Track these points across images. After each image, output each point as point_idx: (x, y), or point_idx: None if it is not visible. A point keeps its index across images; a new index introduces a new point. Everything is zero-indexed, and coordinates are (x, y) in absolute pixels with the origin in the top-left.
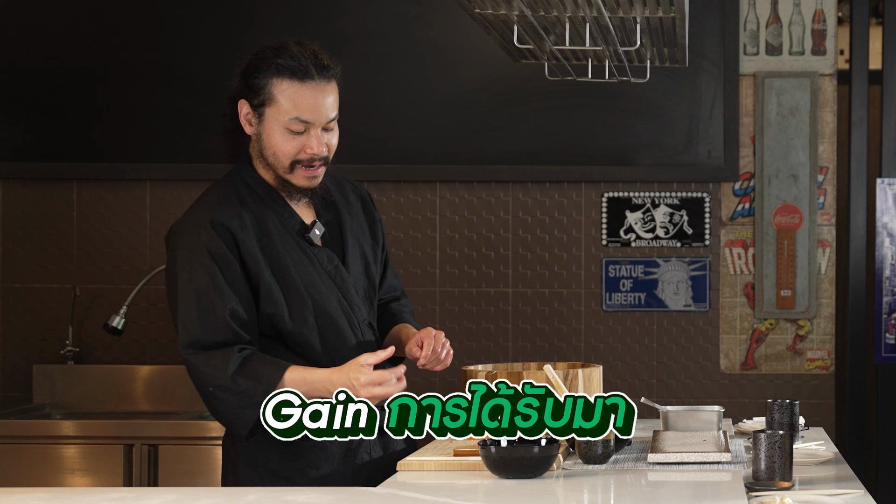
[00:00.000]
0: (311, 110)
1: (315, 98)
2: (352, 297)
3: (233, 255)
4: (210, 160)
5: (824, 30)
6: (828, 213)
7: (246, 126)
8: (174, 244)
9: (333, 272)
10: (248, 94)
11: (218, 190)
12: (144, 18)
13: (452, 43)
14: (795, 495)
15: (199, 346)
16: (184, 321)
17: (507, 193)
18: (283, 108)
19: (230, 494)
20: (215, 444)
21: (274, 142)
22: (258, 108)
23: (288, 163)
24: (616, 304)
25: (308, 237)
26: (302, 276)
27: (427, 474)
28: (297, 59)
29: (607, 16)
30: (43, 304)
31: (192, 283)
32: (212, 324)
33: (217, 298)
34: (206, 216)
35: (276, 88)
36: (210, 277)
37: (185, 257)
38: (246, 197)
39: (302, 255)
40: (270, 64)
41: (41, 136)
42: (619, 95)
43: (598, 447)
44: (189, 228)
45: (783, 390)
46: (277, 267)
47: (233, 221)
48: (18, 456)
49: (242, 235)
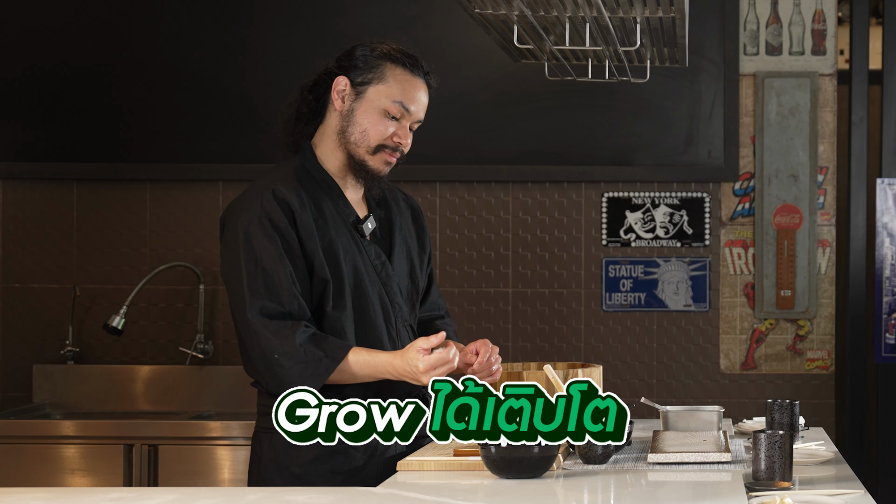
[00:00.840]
0: (415, 101)
1: (419, 92)
2: (395, 294)
3: (292, 228)
4: (210, 160)
5: (824, 30)
6: (828, 213)
7: (337, 101)
8: (234, 218)
9: (380, 267)
10: (352, 70)
11: (277, 171)
12: (144, 18)
13: (452, 43)
14: (795, 495)
15: (268, 314)
16: (251, 290)
17: (507, 193)
18: (392, 90)
19: (230, 494)
20: (215, 444)
21: (368, 119)
22: (361, 84)
23: (375, 143)
24: (616, 304)
25: (360, 228)
26: (349, 263)
27: (427, 474)
28: (409, 56)
29: (607, 16)
30: (43, 304)
31: (258, 251)
32: (278, 292)
33: (281, 268)
34: (267, 189)
35: (389, 71)
36: (274, 247)
37: (247, 227)
38: (306, 180)
39: (352, 244)
40: (385, 49)
41: (41, 136)
42: (619, 95)
43: (598, 447)
44: (252, 201)
45: (783, 390)
46: (329, 249)
47: (292, 196)
48: (18, 456)
49: (301, 211)
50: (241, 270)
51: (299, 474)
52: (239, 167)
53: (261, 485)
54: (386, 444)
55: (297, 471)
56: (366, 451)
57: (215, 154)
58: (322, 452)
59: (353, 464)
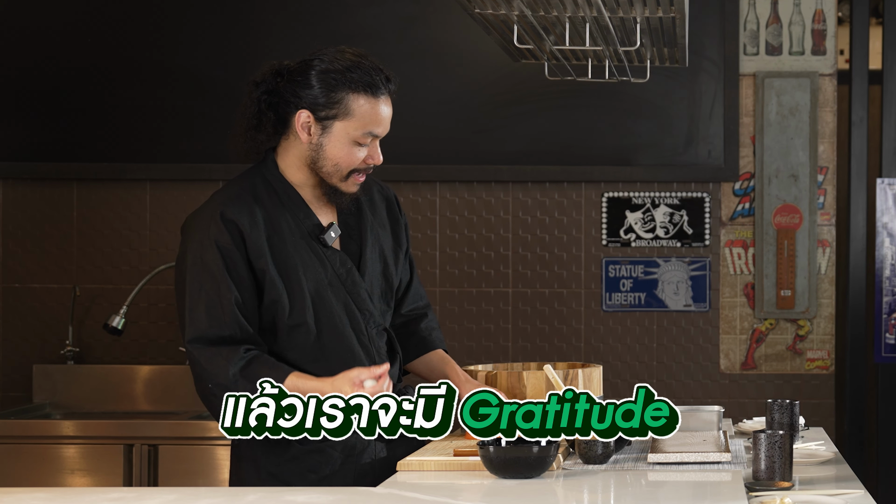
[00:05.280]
0: (381, 123)
1: (385, 113)
2: (363, 301)
3: (239, 251)
4: (210, 160)
5: (824, 30)
6: (828, 213)
7: (303, 135)
8: (185, 237)
9: (345, 276)
10: (313, 105)
11: (233, 187)
12: (144, 18)
13: (452, 43)
14: (795, 495)
15: (205, 341)
16: (191, 314)
17: (507, 193)
18: (358, 122)
19: (230, 494)
20: (215, 444)
21: (339, 153)
22: (325, 119)
23: (347, 171)
24: (616, 304)
25: (322, 239)
26: (309, 277)
27: (427, 474)
28: (369, 74)
29: (607, 16)
30: (43, 304)
31: (200, 275)
32: (219, 316)
33: (224, 291)
34: (216, 210)
35: (352, 103)
36: (217, 270)
37: (195, 250)
38: (262, 195)
39: (312, 257)
40: (343, 78)
41: (41, 136)
42: (619, 95)
43: (598, 447)
44: (200, 222)
45: (783, 390)
46: (284, 266)
47: (242, 217)
48: (18, 456)
49: (251, 231)
50: (184, 294)
51: (276, 473)
52: (239, 167)
53: (240, 484)
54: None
55: (274, 470)
56: (343, 451)
57: (215, 154)
58: (299, 452)
59: (330, 464)
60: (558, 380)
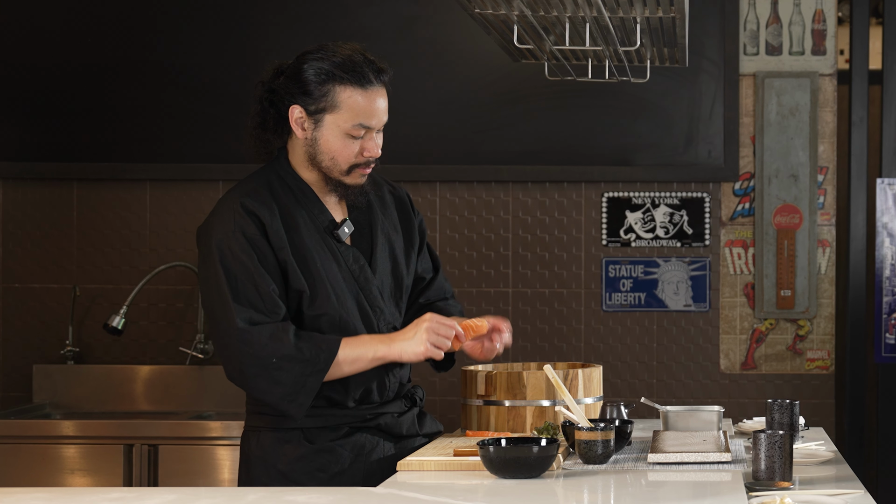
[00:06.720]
0: (374, 116)
1: (376, 103)
2: (374, 298)
3: (264, 239)
4: (210, 160)
5: (824, 30)
6: (828, 213)
7: (298, 130)
8: (206, 236)
9: (357, 272)
10: (304, 99)
11: (248, 183)
12: (144, 18)
13: (452, 43)
14: (795, 495)
15: (255, 322)
16: (236, 300)
17: (507, 193)
18: (347, 115)
19: (230, 494)
20: (215, 444)
21: (333, 147)
22: (316, 114)
23: (347, 167)
24: (616, 304)
25: (336, 234)
26: (324, 271)
27: (427, 474)
28: (357, 66)
29: (607, 16)
30: (43, 304)
31: (233, 265)
32: (261, 302)
33: (259, 277)
34: (236, 202)
35: (339, 96)
36: (248, 259)
37: (222, 242)
38: (278, 190)
39: (327, 252)
40: (330, 70)
41: (41, 136)
42: (619, 95)
43: (598, 447)
44: (224, 216)
45: (783, 390)
46: (303, 258)
47: (262, 209)
48: (18, 456)
49: (270, 221)
50: (222, 286)
51: (286, 472)
52: (239, 167)
53: (249, 484)
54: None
55: (284, 469)
56: (352, 450)
57: (215, 154)
58: (308, 451)
59: (339, 463)
60: (558, 380)
